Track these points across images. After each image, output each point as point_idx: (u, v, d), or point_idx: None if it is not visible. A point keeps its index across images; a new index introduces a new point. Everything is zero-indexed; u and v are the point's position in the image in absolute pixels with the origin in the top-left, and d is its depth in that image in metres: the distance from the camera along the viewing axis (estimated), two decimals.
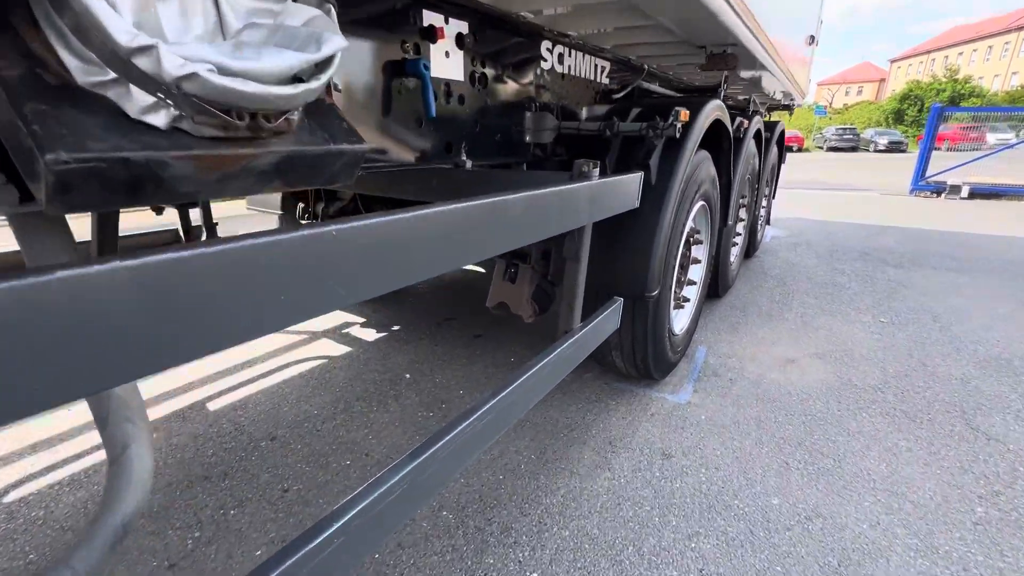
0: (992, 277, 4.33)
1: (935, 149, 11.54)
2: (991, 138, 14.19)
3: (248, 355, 2.69)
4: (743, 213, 3.91)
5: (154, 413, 2.16)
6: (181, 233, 2.65)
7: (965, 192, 10.98)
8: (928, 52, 58.43)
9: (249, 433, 2.04)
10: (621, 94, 2.28)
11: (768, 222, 5.63)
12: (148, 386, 2.36)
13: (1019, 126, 14.42)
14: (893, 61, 66.13)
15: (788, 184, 12.13)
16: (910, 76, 53.80)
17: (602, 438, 2.05)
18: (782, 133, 4.78)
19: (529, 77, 1.90)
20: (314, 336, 2.96)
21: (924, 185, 11.33)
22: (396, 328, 3.10)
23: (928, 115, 11.07)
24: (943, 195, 11.12)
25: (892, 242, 5.75)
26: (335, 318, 3.24)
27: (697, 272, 2.66)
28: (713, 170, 2.39)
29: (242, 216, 3.33)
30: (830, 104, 55.72)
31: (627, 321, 2.03)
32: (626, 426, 2.13)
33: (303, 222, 3.04)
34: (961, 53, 54.22)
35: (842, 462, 1.91)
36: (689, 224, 2.24)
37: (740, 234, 3.95)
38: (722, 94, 2.66)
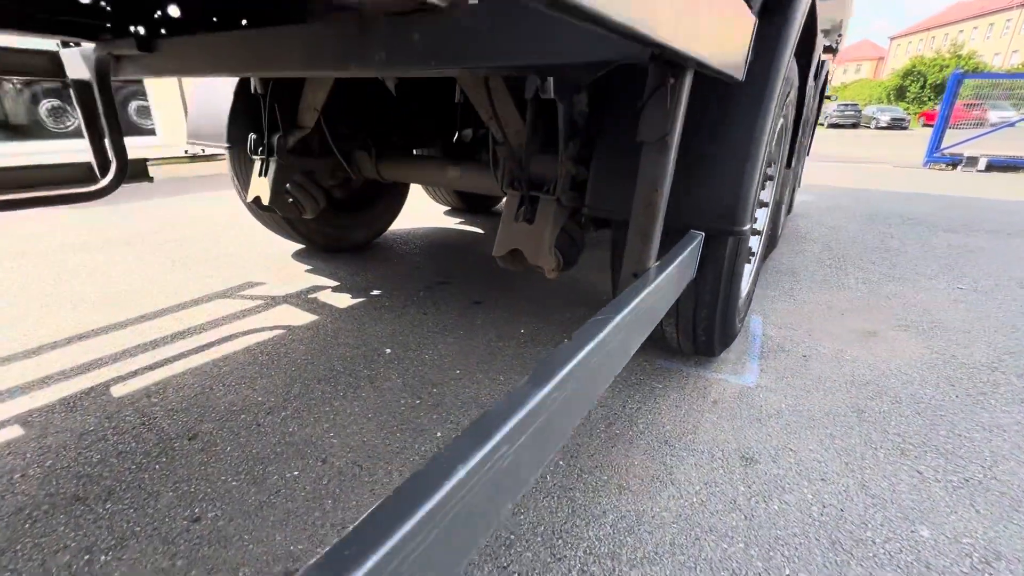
0: None
1: (929, 126, 11.04)
2: (992, 115, 13.86)
3: (179, 323, 2.08)
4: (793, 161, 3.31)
5: (30, 400, 1.56)
6: (95, 168, 2.16)
7: (982, 164, 10.56)
8: (929, 29, 57.47)
9: (160, 429, 1.45)
10: None
11: (799, 183, 5.05)
12: (35, 363, 1.76)
13: (1020, 103, 13.92)
14: (893, 38, 65.06)
15: None
16: (911, 53, 52.85)
17: (653, 435, 1.49)
18: (827, 79, 4.15)
19: None
20: (271, 302, 2.35)
21: (939, 157, 10.86)
22: (376, 293, 2.50)
23: (935, 90, 10.53)
24: (959, 167, 10.69)
25: (929, 208, 5.21)
26: (299, 281, 2.63)
27: (762, 218, 2.07)
28: (798, 80, 1.78)
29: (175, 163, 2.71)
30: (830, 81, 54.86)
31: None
32: (682, 418, 1.57)
33: (256, 157, 2.40)
34: (961, 31, 53.30)
35: (995, 470, 1.36)
36: (771, 145, 1.64)
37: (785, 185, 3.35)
38: None
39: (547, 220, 1.53)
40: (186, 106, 6.70)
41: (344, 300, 2.40)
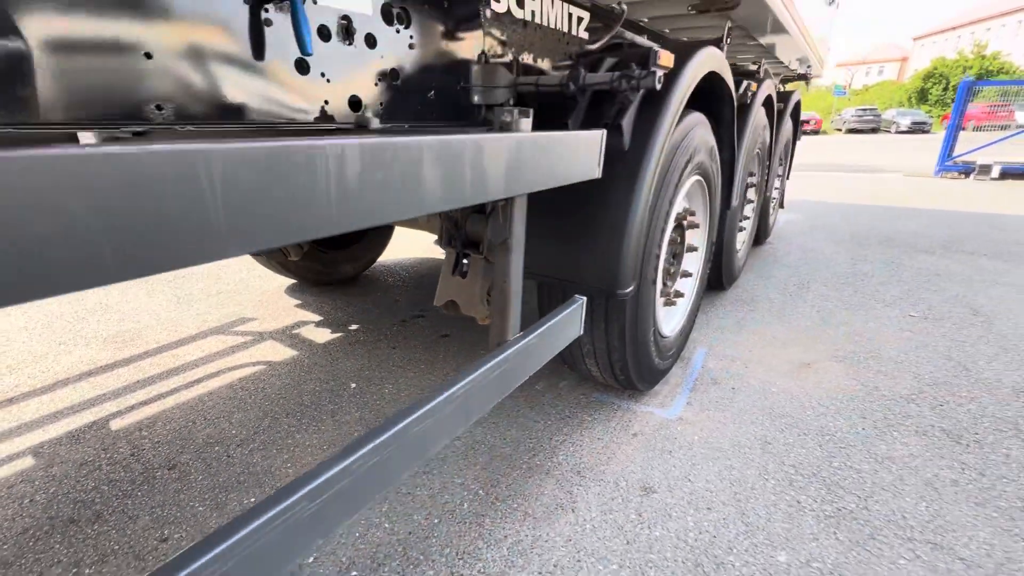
0: None
1: (961, 129, 10.93)
2: (1020, 117, 13.55)
3: (175, 360, 2.36)
4: (752, 194, 3.47)
5: (44, 432, 1.84)
6: None
7: (996, 172, 10.40)
8: (954, 28, 56.06)
9: (147, 459, 1.70)
10: (597, 45, 1.87)
11: (782, 205, 5.16)
12: (49, 398, 2.05)
13: None
14: (916, 39, 63.62)
15: (804, 167, 11.54)
16: (934, 54, 51.72)
17: (570, 466, 1.68)
18: (798, 105, 4.30)
19: (476, 21, 1.50)
20: (258, 338, 2.62)
21: (951, 166, 10.74)
22: (354, 328, 2.75)
23: (957, 92, 10.47)
24: (972, 175, 10.53)
25: (919, 226, 5.25)
26: (287, 317, 2.90)
27: (694, 262, 2.25)
28: (711, 139, 1.98)
29: None
30: (849, 85, 53.90)
31: (599, 323, 1.64)
32: (601, 450, 1.76)
33: None
34: (989, 28, 51.85)
35: (869, 501, 1.51)
36: (679, 204, 1.84)
37: (748, 217, 3.51)
38: (724, 48, 2.23)
39: (477, 276, 1.75)
40: None
41: (323, 335, 2.66)
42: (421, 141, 0.78)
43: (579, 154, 1.11)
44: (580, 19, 1.95)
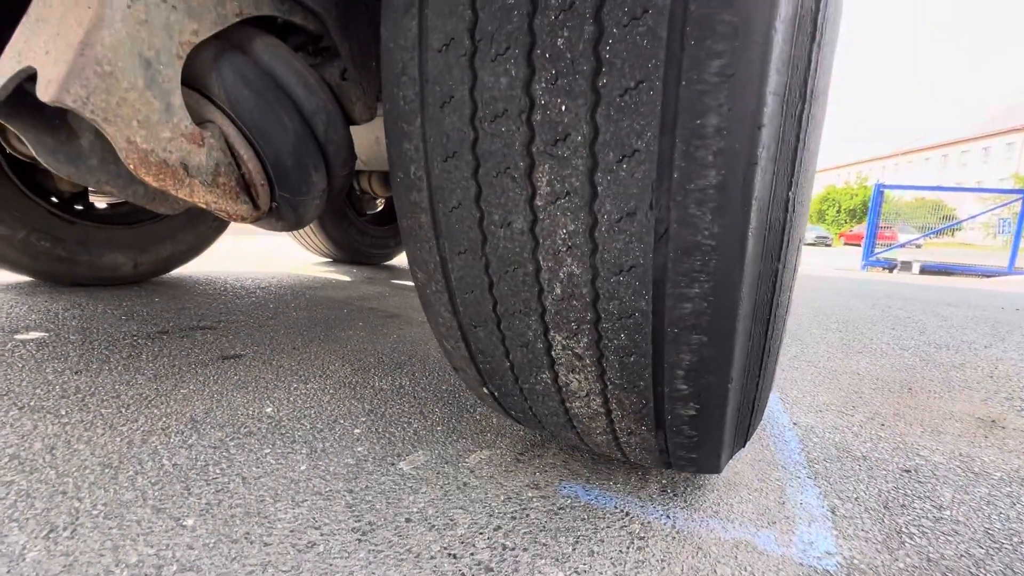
0: None
1: (852, 244, 11.59)
2: (901, 238, 14.96)
3: None
4: None
5: None
6: None
7: (916, 269, 10.85)
8: (837, 168, 66.49)
9: None
10: None
11: None
12: None
13: (925, 227, 15.10)
14: None
15: None
16: (823, 186, 60.36)
17: None
18: None
19: None
20: None
21: (875, 261, 11.09)
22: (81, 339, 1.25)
23: (849, 214, 11.14)
24: (895, 271, 10.90)
25: (908, 289, 4.57)
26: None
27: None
28: None
29: None
30: None
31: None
32: None
33: None
34: (860, 171, 61.98)
35: None
36: None
37: None
38: None
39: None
40: None
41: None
42: None
43: None
44: None
